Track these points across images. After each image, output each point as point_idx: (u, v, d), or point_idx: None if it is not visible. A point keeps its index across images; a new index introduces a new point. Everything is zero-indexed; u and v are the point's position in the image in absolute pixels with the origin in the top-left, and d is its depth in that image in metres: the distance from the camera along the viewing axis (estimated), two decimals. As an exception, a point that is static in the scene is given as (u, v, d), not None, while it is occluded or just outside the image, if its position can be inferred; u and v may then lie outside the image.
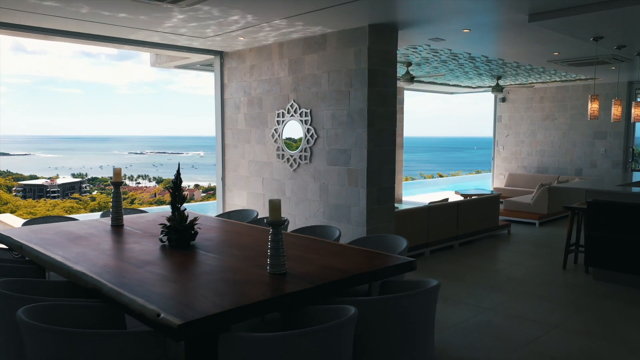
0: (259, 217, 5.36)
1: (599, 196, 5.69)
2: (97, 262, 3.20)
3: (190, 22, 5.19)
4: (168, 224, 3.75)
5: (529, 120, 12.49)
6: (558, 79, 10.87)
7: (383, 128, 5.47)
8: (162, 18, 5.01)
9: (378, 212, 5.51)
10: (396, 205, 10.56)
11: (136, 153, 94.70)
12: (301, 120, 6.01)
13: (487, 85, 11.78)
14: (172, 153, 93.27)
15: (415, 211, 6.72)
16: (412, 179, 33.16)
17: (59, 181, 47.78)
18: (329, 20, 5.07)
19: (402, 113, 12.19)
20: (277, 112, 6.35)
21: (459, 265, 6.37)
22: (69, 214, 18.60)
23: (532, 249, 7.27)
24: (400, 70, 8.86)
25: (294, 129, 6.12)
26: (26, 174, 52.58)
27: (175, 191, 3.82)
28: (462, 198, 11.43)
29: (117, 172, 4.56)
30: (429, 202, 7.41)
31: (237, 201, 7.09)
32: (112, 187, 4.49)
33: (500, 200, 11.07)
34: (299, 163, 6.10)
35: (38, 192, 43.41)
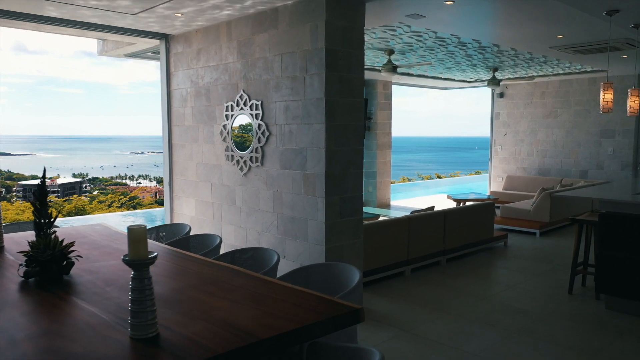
0: (191, 233, 4.33)
1: (613, 207, 4.64)
2: None
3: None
4: (30, 251, 2.72)
5: (529, 118, 11.44)
6: (561, 71, 9.81)
7: (347, 123, 4.43)
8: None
9: (341, 227, 4.47)
10: (380, 211, 9.51)
11: (137, 153, 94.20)
12: (251, 114, 4.97)
13: (483, 79, 10.72)
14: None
15: (392, 223, 5.68)
16: (409, 180, 32.14)
17: (59, 181, 47.95)
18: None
19: (390, 109, 11.14)
20: (225, 104, 5.32)
21: (444, 288, 5.32)
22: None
23: (533, 266, 6.22)
24: (382, 59, 7.82)
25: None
26: (27, 174, 52.96)
27: (40, 206, 2.79)
28: (454, 203, 10.43)
29: (-8, 179, 3.53)
30: (411, 211, 6.37)
31: (186, 210, 6.05)
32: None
33: (497, 205, 10.03)
34: (250, 166, 5.06)
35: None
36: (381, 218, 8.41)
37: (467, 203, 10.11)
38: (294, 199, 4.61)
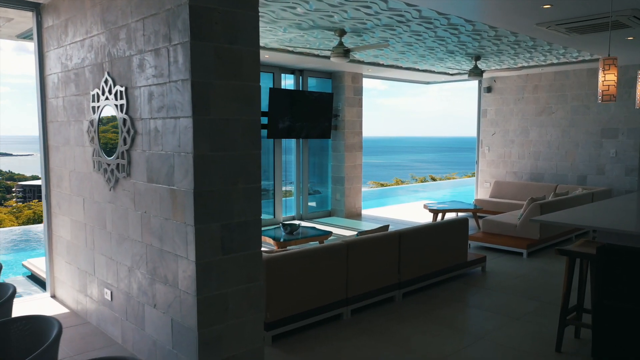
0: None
1: (617, 238, 3.28)
2: None
3: None
4: None
5: (520, 115, 10.05)
6: (555, 60, 8.42)
7: (231, 117, 3.06)
8: None
9: (223, 267, 3.10)
10: (345, 223, 8.12)
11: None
12: (116, 106, 3.61)
13: (466, 69, 9.34)
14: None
15: (323, 251, 4.29)
16: (402, 182, 30.73)
17: (60, 182, 47.46)
18: None
19: (361, 106, 9.77)
20: (92, 93, 3.95)
21: (388, 341, 3.94)
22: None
23: (513, 304, 4.84)
24: (334, 41, 6.45)
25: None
26: (28, 174, 52.41)
27: None
28: (431, 215, 9.11)
29: None
30: (357, 232, 5.00)
31: (63, 232, 4.68)
32: None
33: (481, 215, 8.68)
34: (117, 177, 3.70)
35: (38, 192, 43.22)
36: (342, 232, 7.05)
37: (446, 215, 8.76)
38: (163, 225, 3.24)
